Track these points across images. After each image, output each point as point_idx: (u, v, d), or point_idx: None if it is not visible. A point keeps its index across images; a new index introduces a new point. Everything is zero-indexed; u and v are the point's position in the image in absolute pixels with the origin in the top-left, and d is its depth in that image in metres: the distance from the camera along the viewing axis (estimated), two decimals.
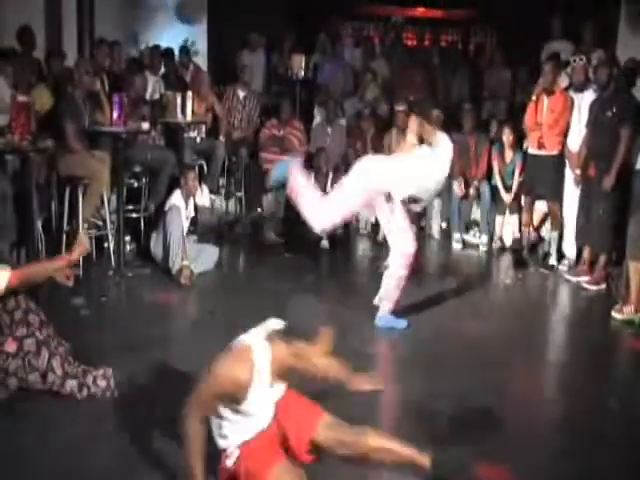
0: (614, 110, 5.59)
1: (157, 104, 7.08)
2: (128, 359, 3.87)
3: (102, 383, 3.50)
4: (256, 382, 2.50)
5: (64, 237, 5.40)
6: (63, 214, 5.46)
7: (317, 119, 7.99)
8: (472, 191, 6.89)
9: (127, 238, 5.84)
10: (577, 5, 8.00)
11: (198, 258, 5.53)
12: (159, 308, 4.87)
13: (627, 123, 5.51)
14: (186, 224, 5.63)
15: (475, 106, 7.57)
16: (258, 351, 2.51)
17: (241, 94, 7.67)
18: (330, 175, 6.95)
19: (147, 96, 6.99)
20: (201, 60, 8.96)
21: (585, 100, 6.00)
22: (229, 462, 2.64)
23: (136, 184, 6.21)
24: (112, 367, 3.56)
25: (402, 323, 4.58)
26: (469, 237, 7.01)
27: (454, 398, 3.62)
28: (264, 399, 2.60)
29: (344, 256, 6.69)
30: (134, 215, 6.09)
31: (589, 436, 3.42)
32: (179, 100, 6.85)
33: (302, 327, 2.50)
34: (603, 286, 5.66)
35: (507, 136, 6.65)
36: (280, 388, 2.68)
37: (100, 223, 5.65)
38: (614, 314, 4.98)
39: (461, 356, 4.20)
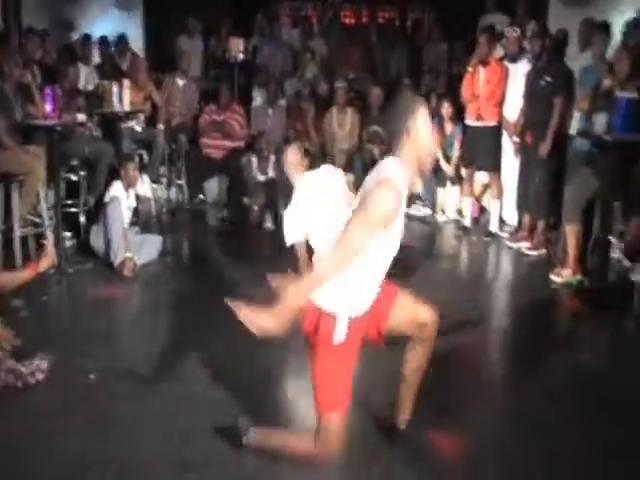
0: (548, 79, 5.70)
1: (93, 94, 6.94)
2: (74, 356, 3.82)
3: (40, 376, 3.53)
4: (400, 209, 2.49)
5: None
6: None
7: (257, 101, 7.92)
8: None
9: (67, 234, 5.73)
10: None
11: (141, 249, 5.46)
12: (103, 303, 4.80)
13: (560, 91, 5.63)
14: (127, 215, 5.56)
15: (414, 81, 7.62)
16: (399, 179, 2.46)
17: (180, 82, 7.56)
18: (272, 158, 6.93)
19: (80, 87, 6.84)
20: (138, 47, 8.81)
21: (519, 70, 6.10)
22: (336, 338, 2.52)
23: (74, 178, 6.09)
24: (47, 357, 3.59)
25: None
26: (412, 210, 7.07)
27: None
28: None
29: None
30: (73, 210, 5.97)
31: (535, 395, 3.53)
32: (115, 89, 6.72)
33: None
34: (543, 251, 5.80)
35: (446, 109, 6.72)
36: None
37: (38, 220, 5.53)
38: (553, 277, 5.12)
39: None
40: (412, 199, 7.14)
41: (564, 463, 2.95)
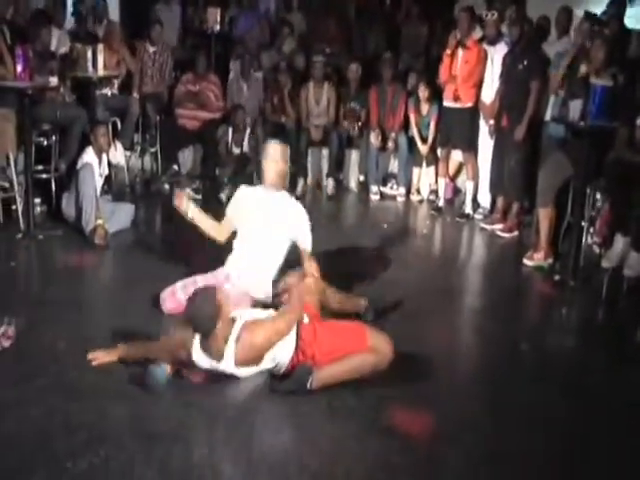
0: (525, 64, 5.73)
1: (67, 58, 6.78)
2: (41, 324, 3.78)
3: (6, 342, 3.49)
4: None
5: None
6: None
7: (233, 73, 7.83)
8: (390, 143, 6.93)
9: (37, 200, 5.62)
10: None
11: (112, 217, 5.38)
12: (73, 270, 4.74)
13: (537, 76, 5.67)
14: (99, 182, 5.48)
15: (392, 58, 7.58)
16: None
17: (150, 49, 7.42)
18: (247, 130, 6.87)
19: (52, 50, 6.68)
20: (114, 13, 8.63)
21: (497, 53, 6.11)
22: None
23: (45, 143, 5.97)
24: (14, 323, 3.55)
25: None
26: (387, 189, 7.08)
27: None
28: None
29: None
30: (44, 175, 5.86)
31: (503, 377, 3.57)
32: (90, 54, 6.58)
33: None
34: (516, 233, 5.85)
35: (422, 91, 6.68)
36: None
37: (7, 185, 5.41)
38: (525, 260, 5.16)
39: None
40: (387, 178, 7.16)
41: (531, 446, 2.98)
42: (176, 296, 3.97)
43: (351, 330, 3.37)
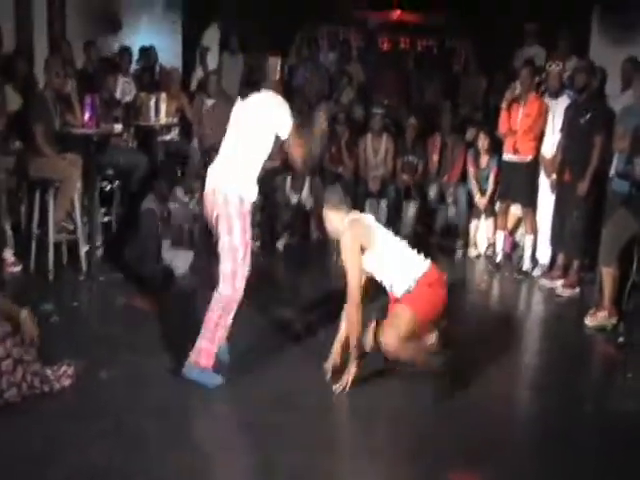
0: (588, 116, 5.63)
1: (131, 106, 6.99)
2: (101, 365, 3.81)
3: (66, 382, 3.55)
4: None
5: (33, 242, 5.30)
6: (32, 218, 5.35)
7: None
8: (449, 197, 6.87)
9: (99, 242, 5.75)
10: (549, 13, 8.03)
11: (172, 261, 5.46)
12: (132, 312, 4.80)
13: (601, 130, 5.55)
14: (160, 228, 5.57)
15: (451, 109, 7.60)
16: None
17: (208, 102, 7.57)
18: (307, 179, 6.92)
19: (117, 97, 6.90)
20: (177, 61, 8.90)
21: (559, 106, 6.03)
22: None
23: (108, 187, 6.13)
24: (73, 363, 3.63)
25: (216, 379, 3.71)
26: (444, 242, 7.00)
27: (428, 402, 3.62)
28: None
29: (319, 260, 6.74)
30: (106, 219, 6.00)
31: (562, 439, 3.44)
32: (152, 102, 6.77)
33: None
34: (577, 291, 5.69)
35: (482, 142, 6.64)
36: None
37: (71, 227, 5.54)
38: (587, 320, 5.00)
39: None
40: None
41: None
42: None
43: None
